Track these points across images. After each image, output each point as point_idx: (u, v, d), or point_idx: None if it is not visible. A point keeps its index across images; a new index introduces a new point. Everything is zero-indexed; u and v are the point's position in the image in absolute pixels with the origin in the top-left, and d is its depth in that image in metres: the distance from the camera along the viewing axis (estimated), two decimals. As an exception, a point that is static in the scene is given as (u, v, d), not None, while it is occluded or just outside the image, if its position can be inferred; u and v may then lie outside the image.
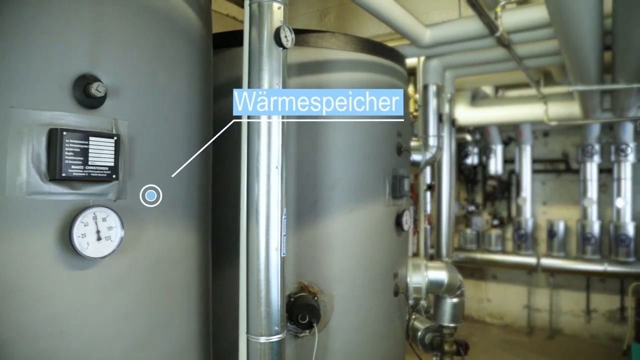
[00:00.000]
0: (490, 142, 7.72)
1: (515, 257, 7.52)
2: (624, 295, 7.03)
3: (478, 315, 8.40)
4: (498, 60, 3.95)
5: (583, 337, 7.57)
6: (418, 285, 3.03)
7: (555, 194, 7.73)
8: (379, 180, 2.50)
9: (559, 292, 7.70)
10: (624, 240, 6.66)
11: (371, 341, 2.75)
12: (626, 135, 6.67)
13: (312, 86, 2.34)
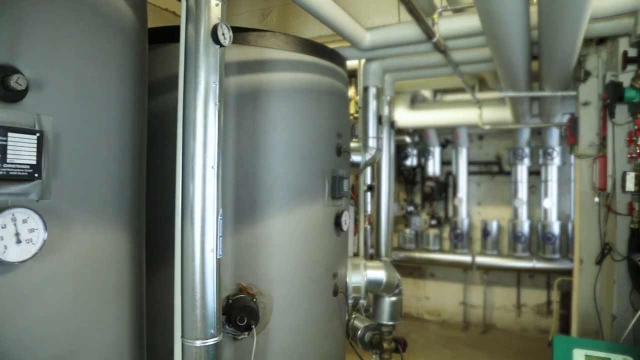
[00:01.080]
0: (428, 145, 7.96)
1: (452, 256, 7.79)
2: (550, 289, 7.45)
3: (417, 313, 8.62)
4: (435, 65, 4.07)
5: (514, 330, 7.94)
6: (357, 285, 3.06)
7: (489, 195, 8.08)
8: (318, 180, 2.50)
9: (492, 288, 8.04)
10: (550, 239, 7.06)
11: (311, 341, 2.75)
12: (553, 140, 7.07)
13: (251, 85, 2.31)
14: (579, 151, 3.99)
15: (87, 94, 1.54)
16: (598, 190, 3.50)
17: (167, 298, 1.79)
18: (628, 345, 2.12)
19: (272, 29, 2.98)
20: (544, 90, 4.45)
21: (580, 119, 4.07)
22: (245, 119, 2.29)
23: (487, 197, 8.10)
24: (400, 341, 3.95)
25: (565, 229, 7.03)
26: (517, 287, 7.91)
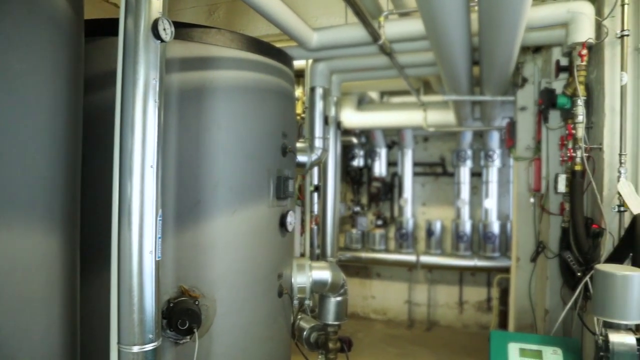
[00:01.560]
0: (375, 146, 8.08)
1: (398, 256, 7.94)
2: (491, 287, 7.74)
3: (363, 312, 8.72)
4: (382, 67, 4.13)
5: (456, 327, 8.19)
6: (302, 285, 3.05)
7: (434, 196, 8.30)
8: (263, 180, 2.48)
9: (436, 286, 8.25)
10: (490, 238, 7.33)
11: (256, 343, 2.72)
12: (493, 143, 7.35)
13: (195, 83, 2.26)
14: (516, 154, 4.16)
15: (12, 87, 1.45)
16: (533, 191, 3.67)
17: (105, 303, 1.71)
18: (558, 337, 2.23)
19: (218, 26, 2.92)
20: (485, 95, 4.62)
21: (518, 123, 4.25)
22: (189, 117, 2.24)
23: (432, 197, 8.32)
24: (345, 341, 3.98)
25: (505, 228, 7.32)
26: (459, 285, 8.16)
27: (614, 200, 2.57)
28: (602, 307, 1.98)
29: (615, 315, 1.94)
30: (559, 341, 2.18)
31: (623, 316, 1.93)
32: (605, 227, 2.58)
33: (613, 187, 2.59)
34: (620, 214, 2.55)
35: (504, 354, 2.14)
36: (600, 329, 1.99)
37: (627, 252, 2.21)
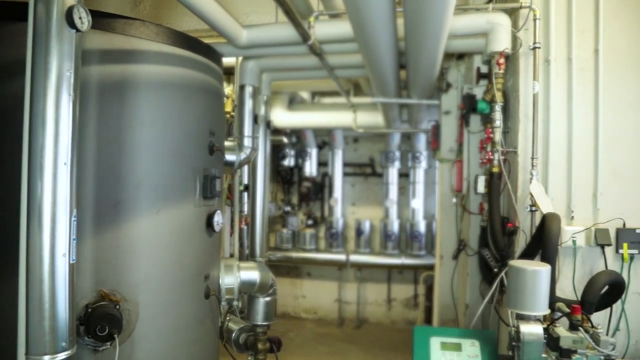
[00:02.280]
0: (306, 146, 8.12)
1: (328, 255, 8.03)
2: (417, 284, 8.01)
3: (294, 312, 8.73)
4: (312, 67, 4.15)
5: (385, 323, 8.40)
6: (230, 286, 3.00)
7: (363, 196, 8.46)
8: (189, 179, 2.41)
9: (365, 285, 8.42)
10: (417, 237, 7.59)
11: (182, 347, 2.64)
12: (420, 145, 7.61)
13: (116, 77, 2.15)
14: (440, 156, 4.34)
15: None
16: (456, 191, 3.84)
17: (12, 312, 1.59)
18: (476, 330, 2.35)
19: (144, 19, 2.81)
20: (411, 98, 4.77)
21: (442, 126, 4.42)
22: (109, 112, 2.13)
23: (361, 197, 8.48)
24: (275, 341, 3.96)
25: (431, 227, 7.60)
26: (387, 283, 8.38)
27: (526, 201, 2.74)
28: (515, 300, 2.10)
29: (526, 307, 2.07)
30: (477, 334, 2.30)
31: (533, 308, 2.06)
32: (519, 226, 2.75)
33: (526, 188, 2.76)
34: (532, 213, 2.72)
35: (427, 348, 2.22)
36: (514, 321, 2.12)
37: (537, 249, 2.37)
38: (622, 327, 2.61)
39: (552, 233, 2.21)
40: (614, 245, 2.65)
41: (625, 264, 2.62)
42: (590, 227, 2.67)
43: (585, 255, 2.68)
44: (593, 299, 2.15)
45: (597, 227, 2.65)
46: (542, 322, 2.17)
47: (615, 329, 2.61)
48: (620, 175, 2.70)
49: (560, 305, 2.20)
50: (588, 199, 2.72)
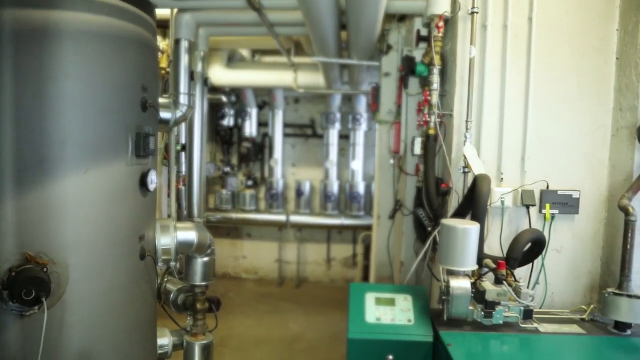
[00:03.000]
0: (245, 105, 7.96)
1: (268, 216, 8.04)
2: (356, 244, 8.24)
3: (234, 272, 8.76)
4: (251, 23, 4.01)
5: (324, 282, 8.61)
6: (167, 247, 2.94)
7: (303, 157, 8.48)
8: (120, 137, 2.29)
9: (305, 245, 8.55)
10: (356, 197, 7.74)
11: (117, 309, 2.58)
12: (361, 107, 7.66)
13: (35, 23, 1.98)
14: (379, 117, 4.38)
15: None
16: (393, 153, 3.91)
17: None
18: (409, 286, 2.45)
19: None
20: (352, 59, 4.75)
21: (382, 88, 4.45)
22: (28, 63, 1.96)
23: (301, 158, 8.49)
24: (214, 300, 3.96)
25: (370, 188, 7.75)
26: (327, 243, 8.55)
27: (460, 162, 2.84)
28: (446, 256, 2.20)
29: (455, 263, 2.17)
30: (410, 289, 2.40)
31: (462, 264, 2.17)
32: (452, 187, 2.85)
33: (460, 150, 2.85)
34: (465, 174, 2.83)
35: (362, 303, 2.29)
36: (444, 276, 2.23)
37: (468, 208, 2.47)
38: (541, 280, 2.80)
39: (482, 193, 2.31)
40: (537, 205, 2.81)
41: (547, 223, 2.79)
42: (517, 188, 2.80)
43: (512, 215, 2.83)
44: (517, 255, 2.28)
45: (523, 188, 2.79)
46: (470, 277, 2.30)
47: (535, 282, 2.80)
48: (545, 140, 2.84)
49: (487, 261, 2.33)
50: (516, 162, 2.85)
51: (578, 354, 2.06)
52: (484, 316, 2.18)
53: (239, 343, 5.83)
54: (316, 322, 6.64)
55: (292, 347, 5.83)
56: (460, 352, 1.91)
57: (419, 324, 2.20)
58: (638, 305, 2.30)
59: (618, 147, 2.79)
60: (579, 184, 2.83)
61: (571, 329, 2.33)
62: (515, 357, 1.93)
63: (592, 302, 2.76)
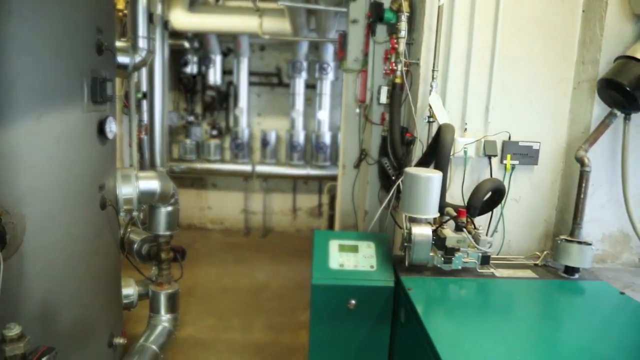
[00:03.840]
0: (209, 52, 7.69)
1: (233, 166, 7.97)
2: (322, 194, 8.30)
3: (200, 223, 8.74)
4: (214, -37, 3.82)
5: (290, 232, 8.71)
6: (129, 197, 2.89)
7: (269, 106, 8.34)
8: (74, 81, 2.18)
9: (271, 195, 8.56)
10: (322, 148, 7.73)
11: (79, 259, 2.55)
12: (328, 56, 7.51)
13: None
14: (346, 66, 4.31)
15: None
16: (359, 102, 3.88)
17: None
18: (373, 233, 2.50)
19: None
20: (319, 4, 4.60)
21: (349, 35, 4.35)
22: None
23: (267, 108, 8.36)
24: (178, 250, 3.96)
25: (336, 139, 7.73)
26: (293, 193, 8.58)
27: (425, 112, 2.84)
28: (409, 204, 2.24)
29: (418, 211, 2.21)
30: (373, 236, 2.44)
31: (424, 212, 2.22)
32: (417, 136, 2.87)
33: (425, 100, 2.85)
34: (430, 124, 2.84)
35: (326, 250, 2.33)
36: (406, 224, 2.27)
37: (432, 158, 2.49)
38: (499, 229, 2.90)
39: (445, 143, 2.34)
40: (499, 156, 2.86)
41: (508, 173, 2.86)
42: (480, 139, 2.84)
43: (474, 165, 2.88)
44: (477, 203, 2.34)
45: (486, 139, 2.84)
46: (432, 224, 2.35)
47: (494, 230, 2.90)
48: (509, 92, 2.86)
49: (449, 209, 2.38)
50: (481, 113, 2.87)
51: (529, 297, 2.17)
52: (444, 262, 2.25)
53: (206, 292, 5.90)
54: (282, 271, 6.76)
55: (259, 296, 5.94)
56: (420, 296, 1.98)
57: (381, 270, 2.26)
58: (587, 251, 2.42)
59: (578, 101, 2.85)
60: (540, 136, 2.89)
61: (525, 273, 2.44)
62: (472, 300, 2.01)
63: (546, 249, 2.89)
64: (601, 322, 1.95)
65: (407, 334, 2.04)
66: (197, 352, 4.48)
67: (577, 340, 1.75)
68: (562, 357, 1.61)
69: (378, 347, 2.30)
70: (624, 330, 1.90)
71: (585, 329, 1.87)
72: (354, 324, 2.25)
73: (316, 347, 2.30)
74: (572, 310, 2.11)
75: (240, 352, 4.54)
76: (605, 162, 2.78)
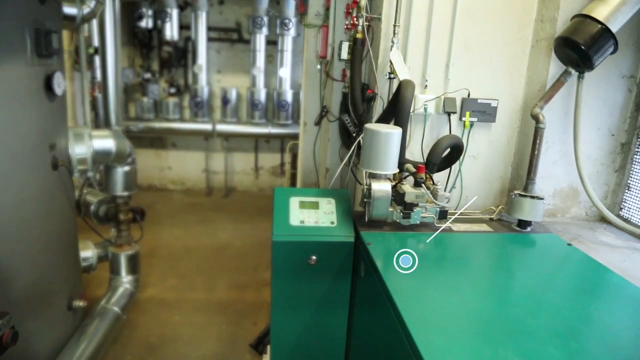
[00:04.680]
0: (165, 5, 7.34)
1: (193, 125, 7.80)
2: (284, 152, 8.26)
3: (161, 184, 8.60)
4: None
5: (253, 191, 8.68)
6: (82, 156, 2.79)
7: (229, 63, 8.12)
8: (14, 32, 2.04)
9: (233, 154, 8.47)
10: (284, 106, 7.64)
11: (32, 221, 2.46)
12: (289, 11, 7.32)
13: None
14: (307, 21, 4.20)
15: None
16: (320, 58, 3.81)
17: None
18: (333, 190, 2.50)
19: None
20: (279, -44, 4.42)
21: (310, -12, 4.22)
22: None
23: (227, 65, 8.14)
24: (138, 211, 3.89)
25: (298, 97, 7.66)
26: (255, 152, 8.51)
27: (386, 68, 2.81)
28: (369, 160, 2.24)
29: (378, 167, 2.22)
30: (333, 193, 2.45)
31: (384, 167, 2.23)
32: (377, 92, 2.85)
33: (387, 56, 2.82)
34: (390, 80, 2.82)
35: (286, 207, 2.32)
36: (366, 180, 2.29)
37: (392, 114, 2.49)
38: (457, 185, 2.97)
39: (405, 99, 2.33)
40: (458, 113, 2.89)
41: (466, 130, 2.90)
42: (440, 95, 2.85)
43: (434, 122, 2.90)
44: (436, 159, 2.37)
45: (446, 96, 2.85)
46: (392, 180, 2.38)
47: (452, 186, 2.96)
48: (469, 49, 2.86)
49: (408, 165, 2.40)
50: (441, 70, 2.87)
51: (483, 249, 2.24)
52: (403, 217, 2.29)
53: (168, 253, 5.86)
54: (245, 230, 6.77)
55: (222, 255, 5.95)
56: (379, 250, 2.02)
57: (341, 226, 2.28)
58: (538, 205, 2.51)
59: (536, 58, 2.88)
60: (498, 93, 2.93)
61: (480, 227, 2.51)
62: (429, 253, 2.07)
63: (502, 204, 2.98)
64: (549, 272, 2.05)
65: (366, 287, 2.08)
66: (161, 312, 4.48)
67: (527, 288, 1.83)
68: (512, 304, 1.68)
69: (339, 301, 2.35)
70: (569, 278, 2.00)
71: (535, 278, 1.95)
72: (315, 279, 2.28)
73: (278, 303, 2.33)
74: (523, 261, 2.20)
75: (205, 311, 4.57)
76: (559, 119, 2.85)
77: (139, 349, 3.89)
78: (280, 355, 2.43)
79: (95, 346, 3.20)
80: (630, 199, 2.93)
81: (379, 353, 1.86)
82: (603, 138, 2.93)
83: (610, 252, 2.50)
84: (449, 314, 1.54)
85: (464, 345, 1.36)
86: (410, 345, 1.38)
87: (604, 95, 2.85)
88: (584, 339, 1.43)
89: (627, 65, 2.82)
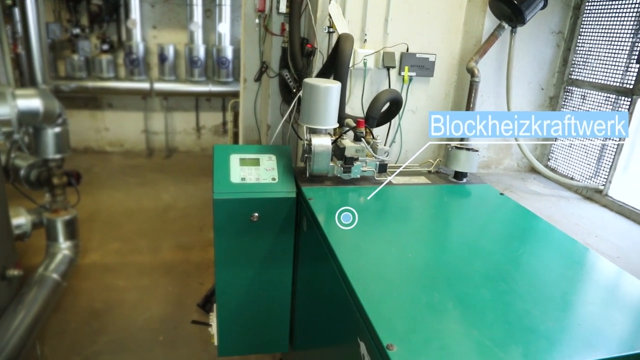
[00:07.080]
0: (92, -46, 6.86)
1: (130, 84, 7.46)
2: (225, 111, 8.09)
3: (98, 146, 8.26)
4: None
5: (195, 151, 8.51)
6: (6, 117, 2.63)
7: (165, 18, 7.74)
8: None
9: (173, 114, 8.21)
10: (224, 63, 7.42)
11: (-49, 187, 2.31)
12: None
13: None
14: (245, -27, 4.04)
15: None
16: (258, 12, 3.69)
17: None
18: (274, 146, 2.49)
19: None
20: None
21: (247, -63, 4.04)
22: None
23: (163, 20, 7.76)
24: (72, 174, 3.74)
25: (238, 53, 7.42)
26: (196, 111, 8.29)
27: (325, 22, 2.78)
28: (308, 115, 2.24)
29: (317, 122, 2.22)
30: (274, 149, 2.44)
31: (324, 122, 2.23)
32: (317, 47, 2.81)
33: (325, 10, 2.77)
34: (330, 34, 2.79)
35: (227, 165, 2.30)
36: (307, 135, 2.28)
37: (332, 69, 2.48)
38: (397, 139, 3.02)
39: (344, 53, 2.32)
40: (397, 67, 2.91)
41: (405, 84, 2.93)
42: (379, 50, 2.85)
43: (374, 77, 2.91)
44: (375, 114, 2.39)
45: (385, 50, 2.85)
46: (332, 135, 2.39)
47: (392, 141, 3.02)
48: (408, 2, 2.86)
49: (348, 120, 2.42)
50: (380, 24, 2.86)
51: (421, 201, 2.32)
52: (343, 171, 2.32)
53: (109, 216, 5.70)
54: (188, 191, 6.67)
55: (165, 216, 5.85)
56: (320, 205, 2.05)
57: (282, 182, 2.28)
58: (473, 157, 2.61)
59: (472, 13, 2.92)
60: (436, 48, 2.96)
61: (419, 180, 2.59)
62: (369, 206, 2.12)
63: (439, 157, 3.08)
64: (483, 220, 2.15)
65: (309, 241, 2.12)
66: (104, 277, 4.40)
67: (462, 236, 1.93)
68: (448, 251, 1.77)
69: (282, 256, 2.38)
70: (501, 225, 2.12)
71: (469, 226, 2.05)
72: (258, 235, 2.29)
73: (222, 261, 2.33)
74: (459, 211, 2.31)
75: (150, 273, 4.53)
76: (493, 73, 2.94)
77: (83, 315, 3.82)
78: (227, 312, 2.46)
79: (35, 315, 3.11)
80: (557, 150, 3.10)
81: (322, 304, 1.92)
82: (533, 92, 3.06)
83: (538, 200, 2.65)
84: (387, 264, 1.59)
85: (401, 292, 1.43)
86: (350, 294, 1.43)
87: (534, 51, 2.95)
88: (512, 280, 1.52)
89: (555, 22, 2.92)
